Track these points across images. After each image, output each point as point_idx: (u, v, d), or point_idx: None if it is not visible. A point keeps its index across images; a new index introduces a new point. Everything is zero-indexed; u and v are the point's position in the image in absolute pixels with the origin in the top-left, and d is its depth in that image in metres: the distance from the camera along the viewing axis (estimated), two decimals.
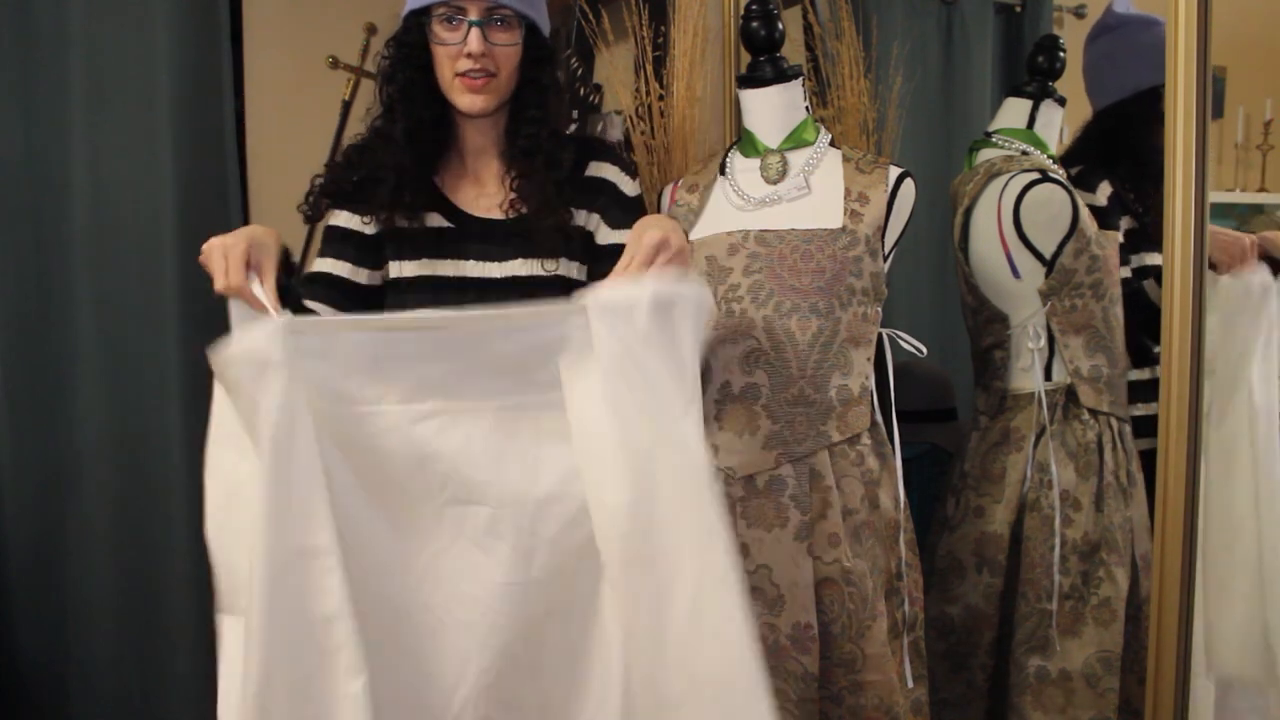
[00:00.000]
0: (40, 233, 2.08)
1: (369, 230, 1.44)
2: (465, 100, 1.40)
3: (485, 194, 1.46)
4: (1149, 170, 1.68)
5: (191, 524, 2.18)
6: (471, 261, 1.42)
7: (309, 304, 1.40)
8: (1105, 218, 1.71)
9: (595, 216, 1.44)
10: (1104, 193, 1.74)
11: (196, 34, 2.15)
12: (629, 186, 1.47)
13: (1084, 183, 1.75)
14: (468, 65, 1.37)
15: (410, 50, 1.43)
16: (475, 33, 1.36)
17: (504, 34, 1.38)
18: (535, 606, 1.21)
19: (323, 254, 1.47)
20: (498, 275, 1.39)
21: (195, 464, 2.16)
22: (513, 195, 1.42)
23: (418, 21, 1.41)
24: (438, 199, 1.44)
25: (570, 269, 1.42)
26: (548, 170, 1.41)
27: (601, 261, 1.43)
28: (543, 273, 1.40)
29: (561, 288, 1.39)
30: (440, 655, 1.21)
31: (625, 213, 1.45)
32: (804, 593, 1.46)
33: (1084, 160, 1.80)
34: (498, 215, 1.43)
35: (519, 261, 1.40)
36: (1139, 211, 1.73)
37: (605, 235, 1.44)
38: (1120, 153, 1.77)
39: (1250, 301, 1.53)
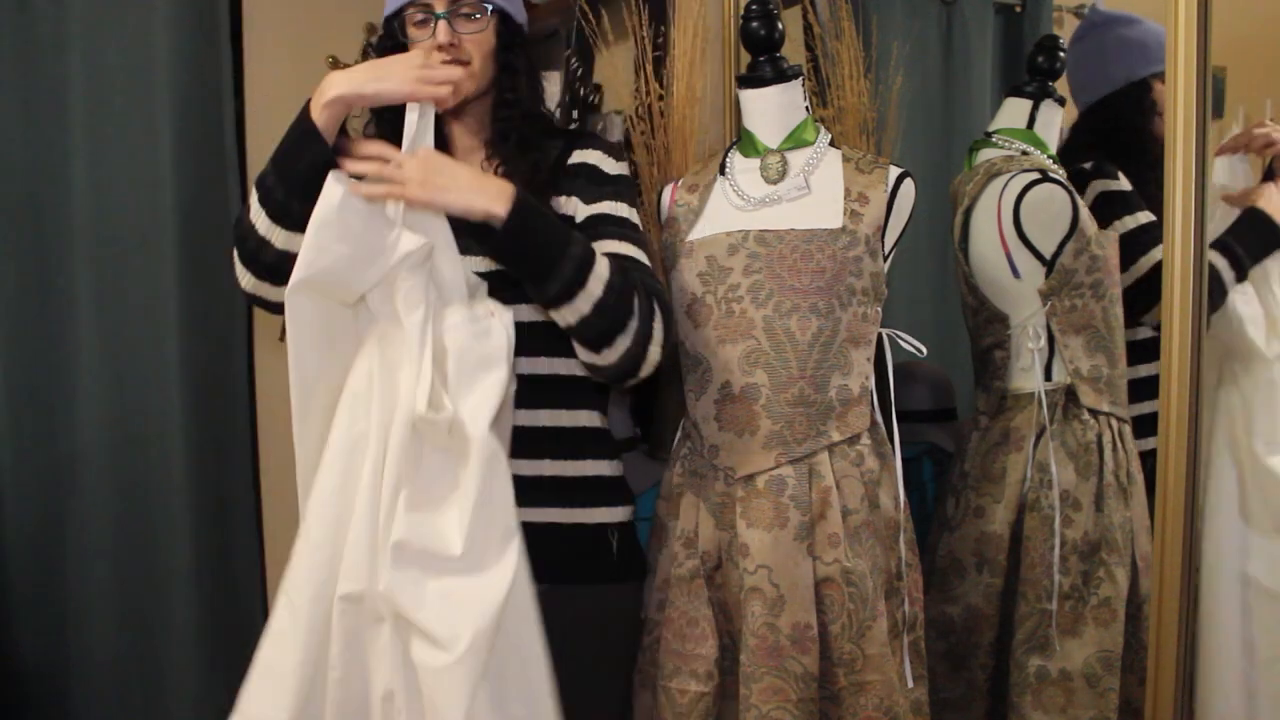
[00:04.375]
0: (40, 233, 2.09)
1: None
2: None
3: None
4: (1145, 160, 1.68)
5: (191, 524, 2.19)
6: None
7: None
8: (1127, 201, 1.70)
9: (574, 199, 1.45)
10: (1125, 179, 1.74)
11: (196, 34, 2.15)
12: (610, 166, 1.48)
13: (1101, 172, 1.75)
14: (439, 58, 1.38)
15: (387, 53, 1.44)
16: (442, 25, 1.38)
17: (471, 23, 1.40)
18: None
19: None
20: (481, 270, 1.39)
21: (195, 464, 2.18)
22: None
23: (393, 26, 1.44)
24: None
25: None
26: (522, 153, 1.42)
27: (581, 231, 1.43)
28: None
29: None
30: None
31: (599, 186, 1.46)
32: (804, 593, 1.46)
33: (1079, 157, 1.80)
34: None
35: (479, 259, 1.39)
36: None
37: (581, 212, 1.45)
38: (1114, 146, 1.77)
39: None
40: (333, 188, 1.24)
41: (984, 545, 1.71)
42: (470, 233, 1.33)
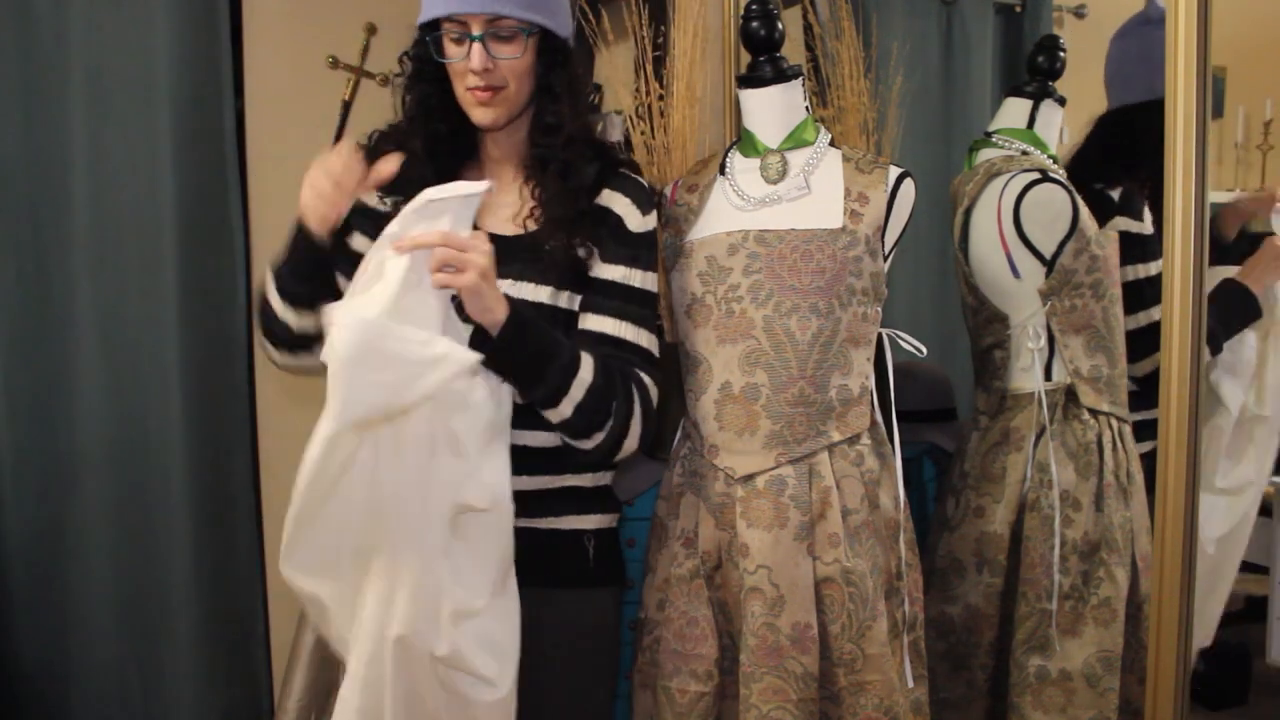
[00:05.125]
0: (40, 233, 2.09)
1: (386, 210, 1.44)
2: (477, 114, 1.40)
3: (502, 204, 1.45)
4: None
5: (191, 524, 2.19)
6: None
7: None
8: (1145, 249, 1.69)
9: (593, 251, 1.43)
10: (1149, 219, 1.71)
11: (196, 34, 2.15)
12: (635, 220, 1.45)
13: (1129, 209, 1.72)
14: (474, 81, 1.37)
15: (423, 64, 1.43)
16: (477, 48, 1.35)
17: (508, 46, 1.36)
18: None
19: (351, 229, 1.46)
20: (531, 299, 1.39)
21: (195, 464, 2.18)
22: (533, 204, 1.41)
23: (428, 37, 1.40)
24: None
25: (560, 298, 1.42)
26: (563, 180, 1.40)
27: (590, 293, 1.43)
28: (541, 300, 1.40)
29: (550, 318, 1.39)
30: None
31: (620, 246, 1.43)
32: (804, 593, 1.46)
33: (1108, 156, 1.77)
34: (511, 230, 1.42)
35: (509, 283, 1.38)
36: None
37: (597, 268, 1.43)
38: (1146, 151, 1.75)
39: None
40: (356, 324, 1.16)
41: (984, 545, 1.72)
42: (498, 255, 1.30)
